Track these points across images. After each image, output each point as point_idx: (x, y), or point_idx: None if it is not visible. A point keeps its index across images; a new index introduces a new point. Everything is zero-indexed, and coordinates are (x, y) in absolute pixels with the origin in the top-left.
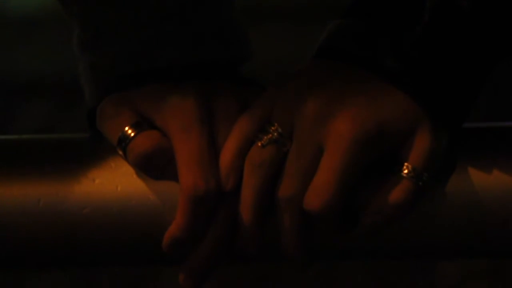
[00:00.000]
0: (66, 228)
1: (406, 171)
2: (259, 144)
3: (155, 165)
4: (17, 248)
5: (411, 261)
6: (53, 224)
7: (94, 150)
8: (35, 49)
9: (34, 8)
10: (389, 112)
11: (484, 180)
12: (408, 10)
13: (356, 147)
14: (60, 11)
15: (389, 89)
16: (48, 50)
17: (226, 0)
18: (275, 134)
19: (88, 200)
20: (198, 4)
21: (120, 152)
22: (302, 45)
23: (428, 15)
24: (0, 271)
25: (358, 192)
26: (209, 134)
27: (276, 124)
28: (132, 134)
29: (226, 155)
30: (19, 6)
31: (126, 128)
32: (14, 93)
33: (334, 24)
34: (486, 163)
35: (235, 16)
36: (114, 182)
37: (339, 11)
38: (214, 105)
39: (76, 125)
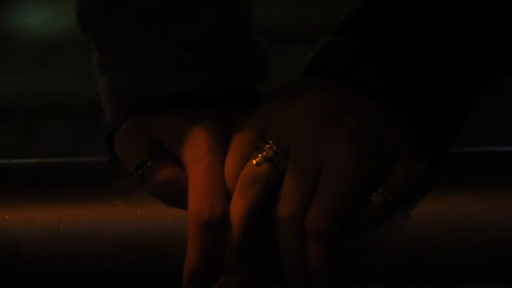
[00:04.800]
0: (86, 251)
1: (374, 194)
2: (254, 162)
3: (170, 195)
4: (37, 271)
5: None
6: (73, 247)
7: (114, 173)
8: (56, 73)
9: (54, 33)
10: (381, 134)
11: (475, 206)
12: (398, 32)
13: (355, 167)
14: (80, 35)
15: (380, 109)
16: (68, 73)
17: (245, 24)
18: (270, 152)
19: (108, 223)
20: (216, 30)
21: (137, 178)
22: None
23: (416, 39)
24: None
25: None
26: (221, 163)
27: (271, 142)
28: (149, 163)
29: (227, 177)
30: (39, 31)
31: (143, 156)
32: (36, 115)
33: (325, 41)
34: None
35: (255, 36)
36: (134, 206)
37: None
38: (231, 133)
39: (97, 146)
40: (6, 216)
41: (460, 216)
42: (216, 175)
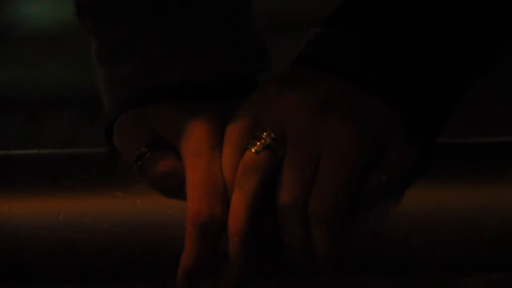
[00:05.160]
0: (86, 243)
1: (369, 175)
2: (253, 150)
3: (169, 187)
4: (36, 262)
5: (425, 275)
6: (73, 239)
7: (113, 164)
8: (55, 64)
9: (54, 24)
10: (375, 121)
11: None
12: (387, 23)
13: (354, 152)
14: (79, 27)
15: (369, 99)
16: (68, 64)
17: (245, 15)
18: (268, 139)
19: (108, 214)
20: (215, 22)
21: (136, 170)
22: None
23: (404, 30)
24: (20, 284)
25: None
26: (220, 157)
27: (268, 130)
28: (148, 154)
29: (225, 169)
30: (38, 22)
31: (142, 147)
32: (35, 107)
33: (314, 32)
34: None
35: (254, 28)
36: (133, 197)
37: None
38: None
39: (97, 137)
40: (5, 207)
41: (457, 207)
42: (216, 172)
